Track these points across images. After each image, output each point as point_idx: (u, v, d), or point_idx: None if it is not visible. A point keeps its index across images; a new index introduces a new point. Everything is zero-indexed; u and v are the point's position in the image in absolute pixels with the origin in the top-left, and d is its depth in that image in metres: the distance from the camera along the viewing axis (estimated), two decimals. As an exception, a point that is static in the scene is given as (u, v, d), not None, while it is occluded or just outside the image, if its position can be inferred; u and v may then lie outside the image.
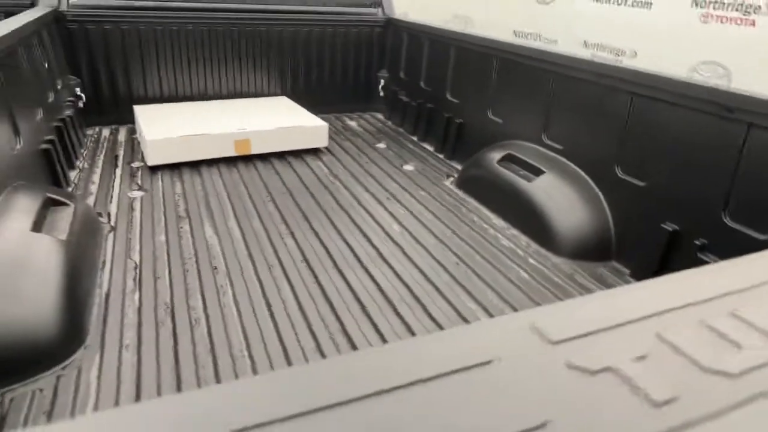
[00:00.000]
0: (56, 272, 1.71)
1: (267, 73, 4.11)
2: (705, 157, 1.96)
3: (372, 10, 4.25)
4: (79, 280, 1.80)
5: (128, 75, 3.71)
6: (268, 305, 1.89)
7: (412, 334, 1.78)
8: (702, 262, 1.92)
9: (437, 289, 2.04)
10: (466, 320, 1.86)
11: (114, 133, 3.61)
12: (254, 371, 1.59)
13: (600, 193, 2.39)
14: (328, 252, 2.26)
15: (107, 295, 1.90)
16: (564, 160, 2.58)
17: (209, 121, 3.33)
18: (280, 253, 2.23)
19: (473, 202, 2.84)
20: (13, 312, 1.57)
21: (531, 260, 2.29)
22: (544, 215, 2.41)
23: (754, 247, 1.84)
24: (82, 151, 3.26)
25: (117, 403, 1.47)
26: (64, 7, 3.42)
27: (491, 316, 1.89)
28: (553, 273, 2.20)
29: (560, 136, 2.64)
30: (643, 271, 2.15)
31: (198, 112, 3.57)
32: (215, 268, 2.11)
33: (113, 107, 3.68)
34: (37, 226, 1.81)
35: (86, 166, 3.06)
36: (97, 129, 3.67)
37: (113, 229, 2.36)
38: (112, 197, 2.68)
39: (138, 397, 1.49)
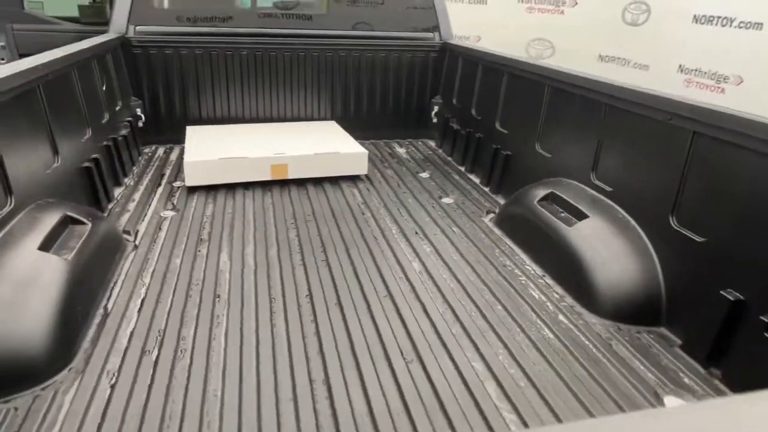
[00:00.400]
0: (54, 292, 1.75)
1: (318, 97, 4.15)
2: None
3: (428, 34, 4.18)
4: (77, 300, 1.83)
5: (185, 97, 3.90)
6: (257, 342, 1.82)
7: (402, 396, 1.61)
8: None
9: (443, 343, 1.86)
10: (467, 385, 1.67)
11: (168, 152, 3.78)
12: (221, 415, 1.51)
13: (650, 246, 2.09)
14: (335, 288, 2.16)
15: (106, 317, 1.92)
16: (612, 203, 2.30)
17: (251, 144, 3.39)
18: (286, 286, 2.16)
19: (509, 244, 2.62)
20: (5, 329, 1.61)
21: (561, 317, 2.04)
22: (582, 265, 2.15)
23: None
24: (134, 168, 3.44)
25: None
26: (131, 34, 3.67)
27: (497, 381, 1.69)
28: (584, 335, 1.94)
29: (610, 177, 2.37)
30: (697, 346, 1.83)
31: (244, 135, 3.65)
32: (218, 296, 2.08)
33: (170, 127, 3.87)
34: (46, 245, 1.87)
35: (132, 183, 3.21)
36: (153, 147, 3.88)
37: (136, 248, 2.43)
38: (145, 215, 2.77)
39: (100, 429, 1.46)
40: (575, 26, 7.84)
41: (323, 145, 3.44)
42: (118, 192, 3.05)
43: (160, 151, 3.83)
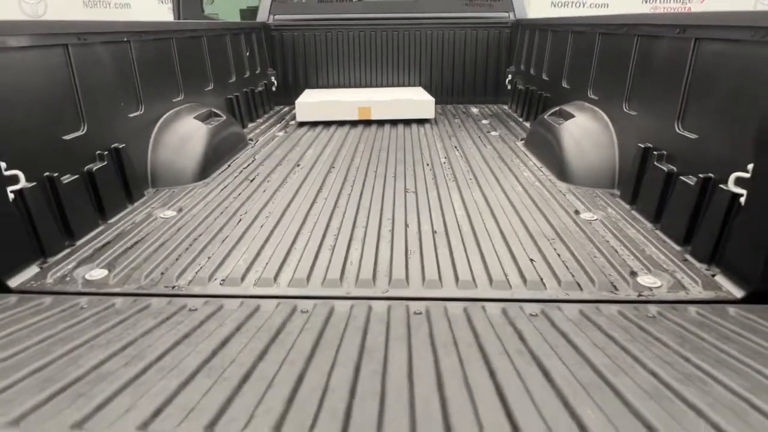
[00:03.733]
0: (200, 143, 3.00)
1: (409, 68, 5.23)
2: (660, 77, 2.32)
3: (503, 13, 5.03)
4: (213, 149, 3.06)
5: (306, 69, 5.25)
6: (314, 188, 2.86)
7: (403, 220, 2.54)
8: (656, 170, 2.22)
9: (436, 185, 2.72)
10: (443, 211, 2.52)
11: (291, 109, 5.12)
12: (274, 213, 2.56)
13: (612, 128, 2.75)
14: (375, 170, 3.13)
15: (227, 168, 3.14)
16: (595, 108, 2.98)
17: (347, 96, 4.56)
18: (342, 164, 3.19)
19: (526, 152, 3.38)
20: (175, 160, 2.88)
21: (536, 182, 2.78)
22: (561, 147, 2.87)
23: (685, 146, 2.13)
24: (265, 115, 4.82)
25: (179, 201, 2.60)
26: (270, 21, 5.13)
27: (465, 207, 2.51)
28: (547, 190, 2.66)
29: (597, 88, 3.05)
30: (626, 190, 2.48)
31: (346, 93, 4.84)
32: (298, 165, 3.18)
33: (295, 92, 5.23)
34: (198, 118, 3.16)
35: (262, 121, 4.57)
36: (282, 107, 5.27)
37: (253, 145, 3.68)
38: (265, 133, 4.05)
39: (209, 206, 2.59)
40: None
41: (401, 95, 4.48)
42: (252, 125, 4.41)
43: (286, 109, 5.20)
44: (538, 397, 1.13)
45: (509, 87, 5.10)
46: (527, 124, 4.28)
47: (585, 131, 2.86)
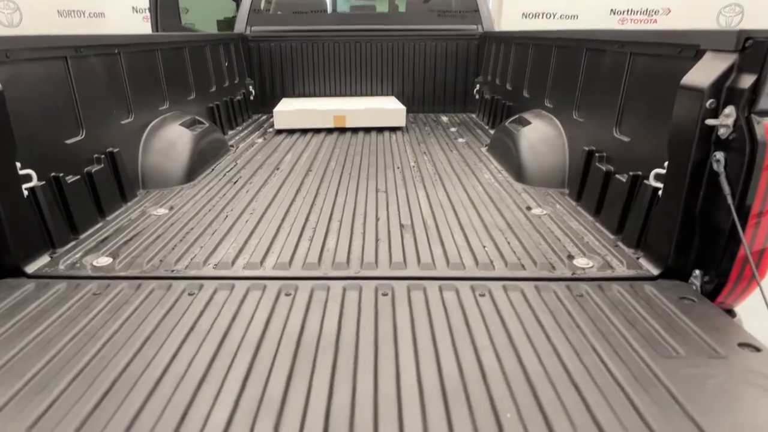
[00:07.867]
0: (185, 149, 3.27)
1: (382, 78, 5.57)
2: (603, 87, 2.69)
3: (472, 26, 5.42)
4: (198, 154, 3.33)
5: (282, 78, 5.54)
6: (286, 185, 3.15)
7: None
8: (597, 169, 2.58)
9: (405, 183, 3.04)
10: (409, 205, 2.84)
11: (269, 117, 5.41)
12: (250, 210, 2.85)
13: (564, 134, 3.12)
14: (349, 173, 3.43)
15: (211, 172, 3.40)
16: (550, 115, 3.35)
17: (323, 104, 4.87)
18: (320, 165, 3.48)
19: (489, 157, 3.72)
20: (161, 165, 3.14)
21: (494, 182, 3.12)
22: (518, 150, 3.22)
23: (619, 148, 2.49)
24: (244, 123, 5.09)
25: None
26: (248, 32, 5.42)
27: (429, 200, 2.83)
28: (504, 189, 3.00)
29: (553, 98, 3.42)
30: (573, 189, 2.83)
31: (322, 102, 5.15)
32: (278, 168, 3.47)
33: (272, 101, 5.50)
34: (183, 125, 3.42)
35: (241, 129, 4.84)
36: (260, 115, 5.55)
37: (234, 151, 3.95)
38: (245, 140, 4.33)
39: (195, 204, 2.85)
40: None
41: (374, 104, 4.81)
42: (231, 132, 4.68)
43: (264, 117, 5.48)
44: (472, 394, 1.32)
45: (477, 96, 5.48)
46: (492, 132, 4.64)
47: (540, 137, 3.22)
